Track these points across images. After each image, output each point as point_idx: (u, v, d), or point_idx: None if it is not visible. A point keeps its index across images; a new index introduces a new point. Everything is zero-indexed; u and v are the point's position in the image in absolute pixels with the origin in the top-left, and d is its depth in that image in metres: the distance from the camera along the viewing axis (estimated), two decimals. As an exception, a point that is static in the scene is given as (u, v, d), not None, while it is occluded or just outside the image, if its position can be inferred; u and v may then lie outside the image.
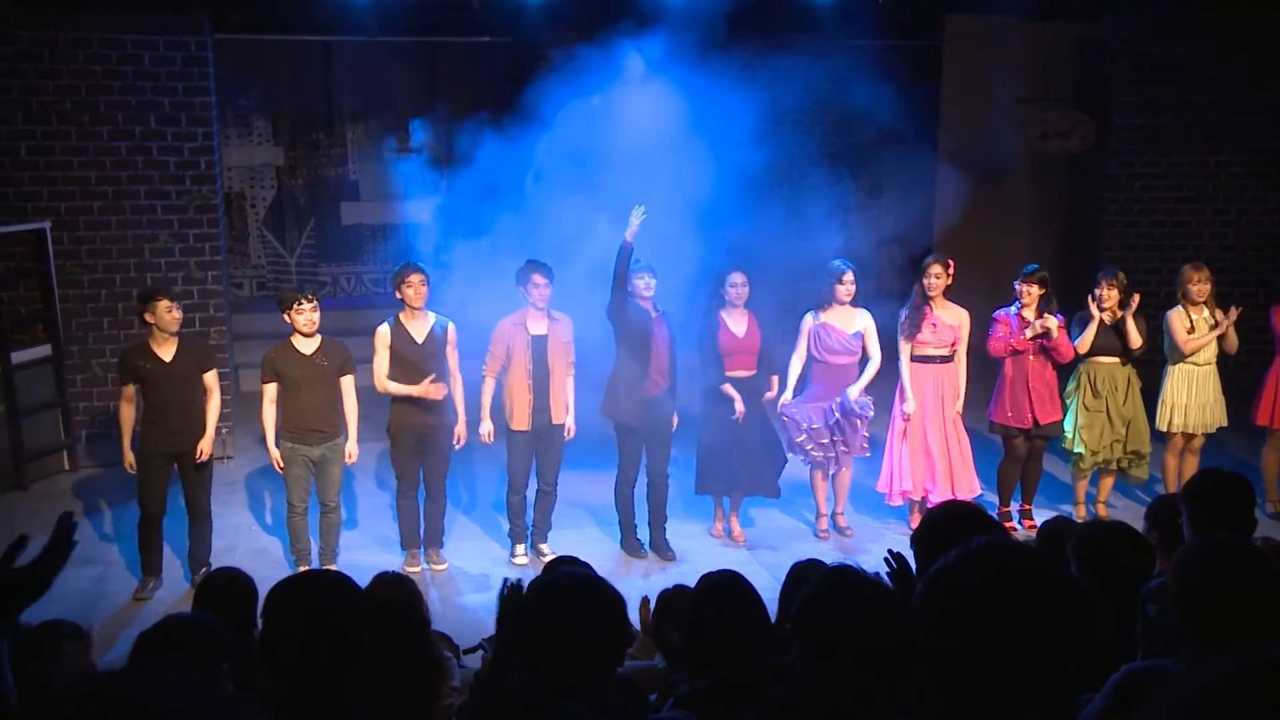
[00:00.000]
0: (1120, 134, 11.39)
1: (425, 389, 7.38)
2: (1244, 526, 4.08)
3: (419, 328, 7.51)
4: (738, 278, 7.85)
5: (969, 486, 8.09)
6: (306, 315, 7.24)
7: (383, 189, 12.97)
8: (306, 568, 7.33)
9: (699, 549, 8.05)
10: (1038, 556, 1.84)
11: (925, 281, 7.97)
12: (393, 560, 7.62)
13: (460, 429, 7.72)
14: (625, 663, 4.30)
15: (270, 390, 7.30)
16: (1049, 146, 11.45)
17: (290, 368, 7.25)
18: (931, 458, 8.05)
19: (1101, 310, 8.11)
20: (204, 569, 7.31)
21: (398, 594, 4.25)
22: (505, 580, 3.27)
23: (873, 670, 2.58)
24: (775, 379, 8.00)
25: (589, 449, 8.80)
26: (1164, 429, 8.36)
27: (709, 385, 7.87)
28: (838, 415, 7.89)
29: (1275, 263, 11.09)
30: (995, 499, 8.31)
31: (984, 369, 8.46)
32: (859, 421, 7.93)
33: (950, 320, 8.01)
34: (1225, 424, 8.39)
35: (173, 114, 9.47)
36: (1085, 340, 8.06)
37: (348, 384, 7.40)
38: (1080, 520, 7.57)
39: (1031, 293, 8.01)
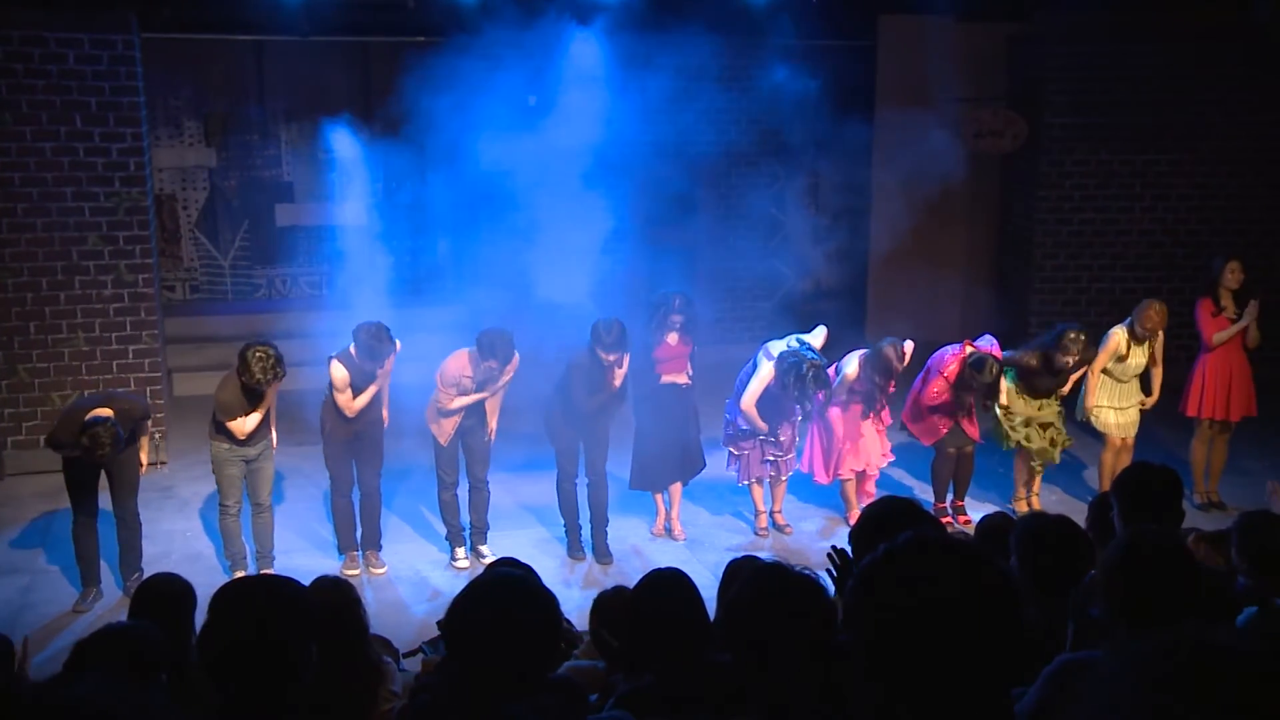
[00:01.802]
0: (1051, 133, 11.57)
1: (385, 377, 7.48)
2: (1172, 517, 4.17)
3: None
4: (678, 319, 7.84)
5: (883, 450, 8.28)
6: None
7: (317, 190, 12.83)
8: (243, 573, 7.23)
9: (640, 548, 8.05)
10: (968, 549, 1.85)
11: (884, 381, 7.96)
12: (330, 564, 7.53)
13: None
14: (569, 664, 4.30)
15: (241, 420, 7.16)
16: (983, 145, 11.60)
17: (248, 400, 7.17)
18: (856, 441, 8.18)
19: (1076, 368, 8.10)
20: (136, 574, 7.21)
21: (336, 598, 4.21)
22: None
23: (804, 668, 2.59)
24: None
25: (528, 449, 8.78)
26: (1083, 420, 8.46)
27: (646, 389, 7.90)
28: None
29: (1201, 259, 11.32)
30: (921, 494, 8.42)
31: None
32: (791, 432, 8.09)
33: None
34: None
35: (100, 114, 9.27)
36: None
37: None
38: (1020, 514, 7.68)
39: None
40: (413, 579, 7.66)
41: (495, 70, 9.64)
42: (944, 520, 8.18)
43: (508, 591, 2.77)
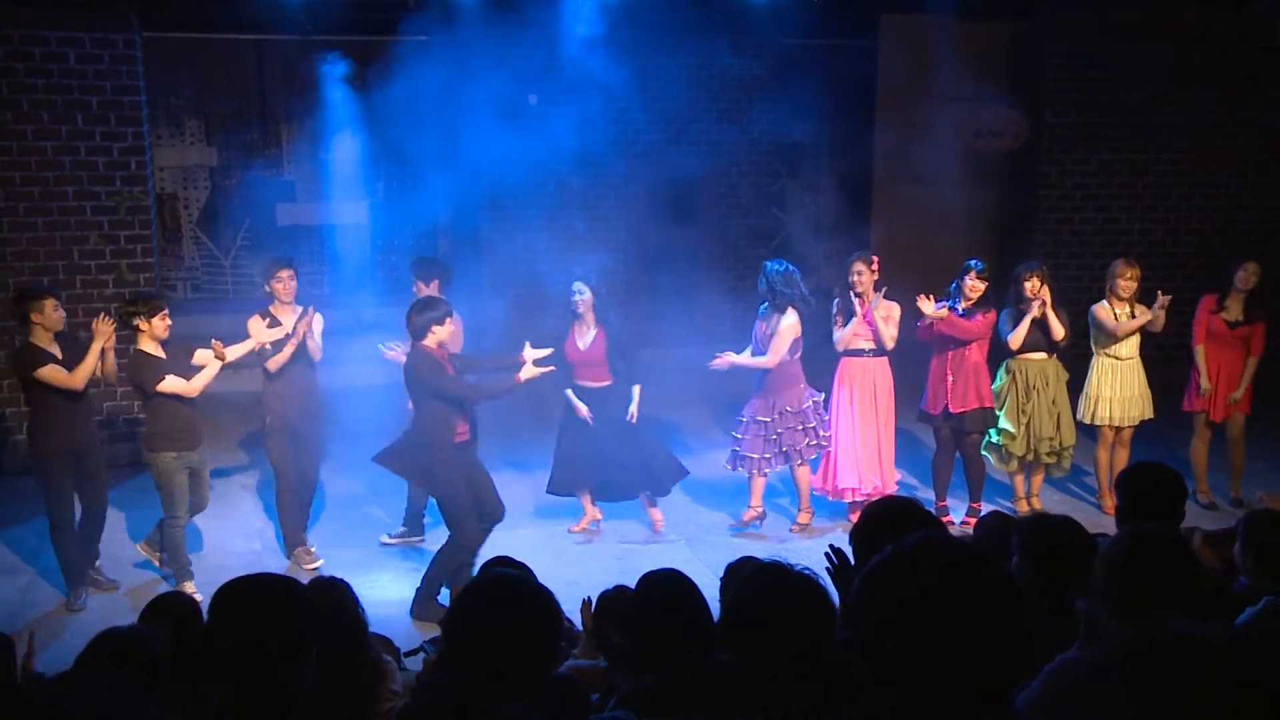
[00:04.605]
0: (1052, 132, 11.57)
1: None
2: (1172, 516, 4.15)
3: (288, 318, 7.55)
4: (577, 286, 7.68)
5: (890, 480, 8.22)
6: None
7: (318, 190, 12.82)
8: (190, 584, 7.06)
9: (638, 548, 8.01)
10: (973, 551, 1.85)
11: (849, 279, 8.03)
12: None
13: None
14: (570, 662, 4.29)
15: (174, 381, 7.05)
16: (984, 144, 11.59)
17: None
18: (860, 450, 8.13)
19: (1031, 304, 8.16)
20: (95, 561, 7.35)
21: (333, 597, 4.19)
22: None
23: (804, 667, 2.58)
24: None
25: (520, 449, 8.77)
26: (1088, 421, 8.44)
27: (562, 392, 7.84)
28: (778, 421, 7.93)
29: (1201, 259, 11.32)
30: (922, 493, 8.40)
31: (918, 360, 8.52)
32: (807, 423, 7.96)
33: (881, 313, 8.06)
34: (1150, 416, 8.49)
35: (101, 113, 9.27)
36: (1019, 335, 8.12)
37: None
38: (1021, 515, 7.65)
39: (978, 288, 8.07)
40: (413, 579, 7.64)
41: (495, 69, 9.64)
42: (945, 520, 8.17)
43: (508, 591, 2.76)
